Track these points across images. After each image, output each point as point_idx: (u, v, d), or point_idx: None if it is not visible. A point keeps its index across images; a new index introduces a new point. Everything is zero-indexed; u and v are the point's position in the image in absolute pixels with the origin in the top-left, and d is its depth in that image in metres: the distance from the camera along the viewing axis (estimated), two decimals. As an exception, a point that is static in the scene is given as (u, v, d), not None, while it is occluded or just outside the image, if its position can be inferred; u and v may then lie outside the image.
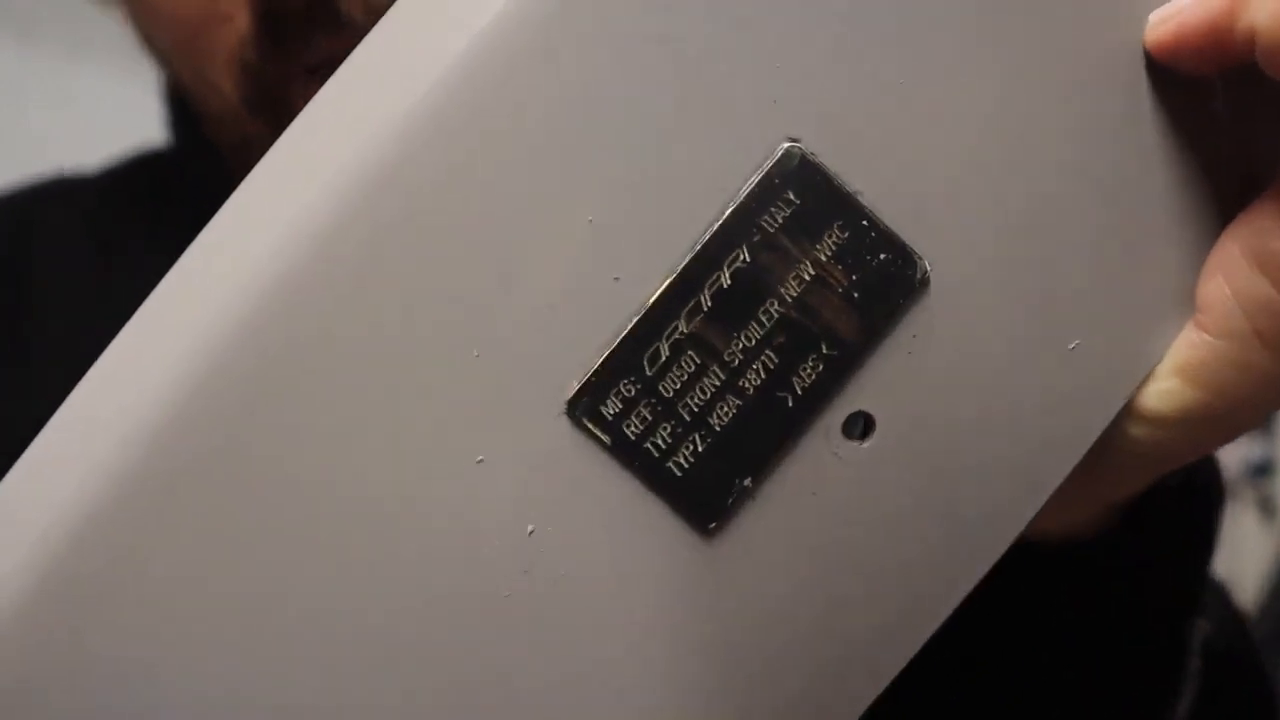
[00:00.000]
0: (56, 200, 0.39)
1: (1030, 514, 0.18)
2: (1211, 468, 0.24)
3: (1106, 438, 0.18)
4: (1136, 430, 0.18)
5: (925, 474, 0.17)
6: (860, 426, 0.17)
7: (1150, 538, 0.23)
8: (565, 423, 0.16)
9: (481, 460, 0.16)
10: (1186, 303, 0.18)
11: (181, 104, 0.35)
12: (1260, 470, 1.61)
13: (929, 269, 0.17)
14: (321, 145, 0.16)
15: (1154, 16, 0.17)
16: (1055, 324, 0.17)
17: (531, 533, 0.16)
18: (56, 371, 0.17)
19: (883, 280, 0.17)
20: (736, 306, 0.16)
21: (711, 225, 0.16)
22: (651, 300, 0.16)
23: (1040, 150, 0.17)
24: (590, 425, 0.16)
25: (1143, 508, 0.22)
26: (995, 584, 0.20)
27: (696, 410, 0.16)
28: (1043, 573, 0.22)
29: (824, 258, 0.16)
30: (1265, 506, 1.61)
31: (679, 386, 0.16)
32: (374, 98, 0.15)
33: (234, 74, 0.27)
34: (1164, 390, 0.18)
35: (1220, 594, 0.31)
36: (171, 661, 0.16)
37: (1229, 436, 0.19)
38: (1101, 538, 0.22)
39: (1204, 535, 0.24)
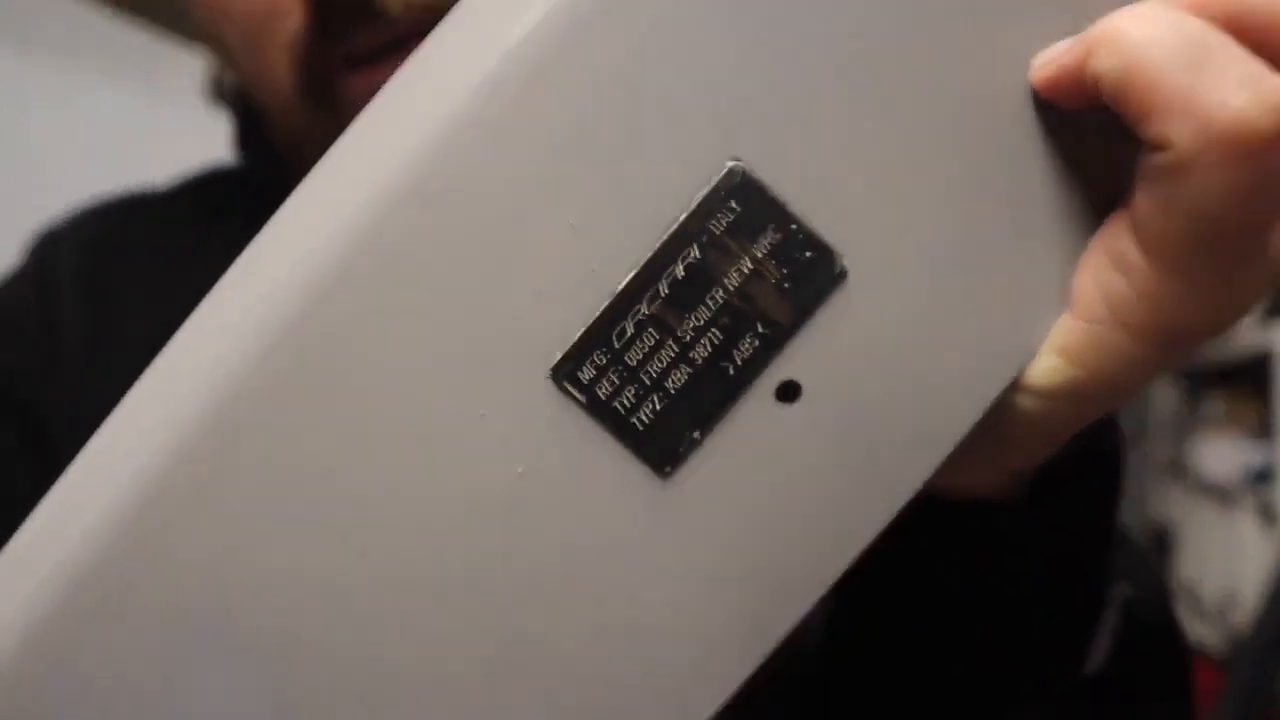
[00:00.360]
0: (131, 215, 0.42)
1: (933, 466, 0.22)
2: (1111, 435, 0.27)
3: (1001, 408, 0.22)
4: (1025, 401, 0.22)
5: (843, 431, 0.21)
6: (790, 392, 0.21)
7: (1053, 501, 0.26)
8: (550, 385, 0.20)
9: (483, 415, 0.20)
10: (1066, 293, 0.22)
11: (249, 119, 0.39)
12: (1260, 477, 1.62)
13: (845, 265, 0.21)
14: (347, 176, 0.20)
15: (1036, 60, 0.21)
16: (954, 311, 0.21)
17: (522, 472, 0.20)
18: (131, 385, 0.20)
19: (808, 273, 0.20)
20: (688, 293, 0.20)
21: (669, 228, 0.20)
22: (620, 288, 0.20)
23: (942, 166, 0.21)
24: (569, 387, 0.20)
25: (1046, 474, 0.26)
26: (912, 544, 0.23)
27: (655, 376, 0.20)
28: (957, 535, 0.26)
29: (760, 255, 0.20)
30: (1265, 513, 1.62)
31: (641, 357, 0.20)
32: (397, 128, 0.19)
33: (289, 65, 0.31)
34: (1046, 368, 0.22)
35: (1143, 563, 0.34)
36: (174, 682, 0.19)
37: (1107, 407, 0.23)
38: (1009, 501, 0.26)
39: (1104, 497, 0.27)
